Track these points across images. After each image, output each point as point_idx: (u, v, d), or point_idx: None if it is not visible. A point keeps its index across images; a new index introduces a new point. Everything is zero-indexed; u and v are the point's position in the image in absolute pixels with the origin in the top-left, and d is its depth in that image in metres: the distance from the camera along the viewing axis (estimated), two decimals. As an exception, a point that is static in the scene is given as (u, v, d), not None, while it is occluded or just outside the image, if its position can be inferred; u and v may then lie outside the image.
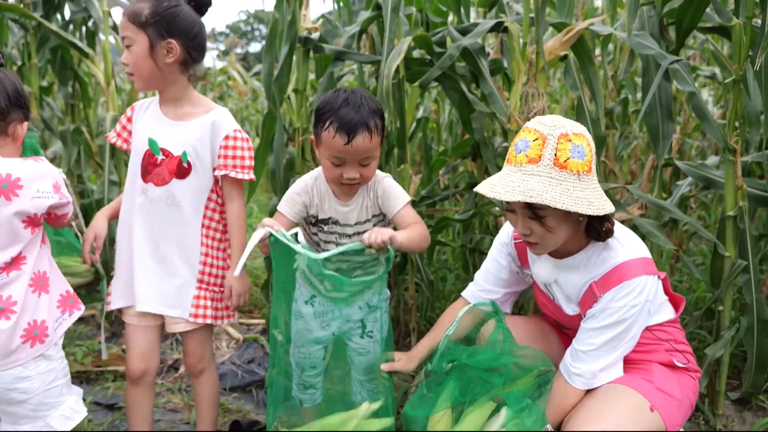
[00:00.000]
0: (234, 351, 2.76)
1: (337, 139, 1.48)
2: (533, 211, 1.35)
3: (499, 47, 2.49)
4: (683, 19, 1.96)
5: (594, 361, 1.43)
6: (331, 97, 1.54)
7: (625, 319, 1.39)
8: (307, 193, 1.66)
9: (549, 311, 1.64)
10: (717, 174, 2.03)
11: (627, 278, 1.38)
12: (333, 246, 1.67)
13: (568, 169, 1.31)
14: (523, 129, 1.38)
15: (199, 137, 1.60)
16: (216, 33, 33.80)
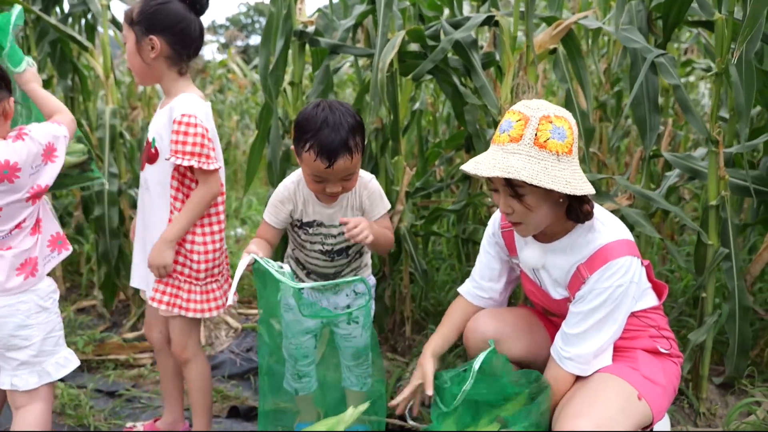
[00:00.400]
0: (233, 340, 2.82)
1: (318, 163, 1.52)
2: (513, 188, 1.39)
3: (492, 40, 2.53)
4: (669, 13, 2.00)
5: (584, 344, 1.46)
6: (311, 114, 1.55)
7: (611, 299, 1.43)
8: (290, 200, 1.71)
9: (536, 298, 1.68)
10: (702, 165, 2.08)
11: (611, 258, 1.42)
12: (318, 246, 1.74)
13: (548, 149, 1.36)
14: (509, 111, 1.44)
15: (163, 123, 1.68)
16: (216, 25, 33.66)
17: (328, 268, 1.80)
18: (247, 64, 10.10)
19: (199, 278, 1.71)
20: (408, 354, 2.50)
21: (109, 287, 2.92)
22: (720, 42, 1.77)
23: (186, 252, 1.70)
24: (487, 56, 2.41)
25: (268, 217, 1.73)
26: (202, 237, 1.71)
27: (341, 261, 1.79)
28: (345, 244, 1.76)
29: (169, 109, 1.68)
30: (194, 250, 1.70)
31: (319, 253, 1.76)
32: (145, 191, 1.74)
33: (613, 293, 1.43)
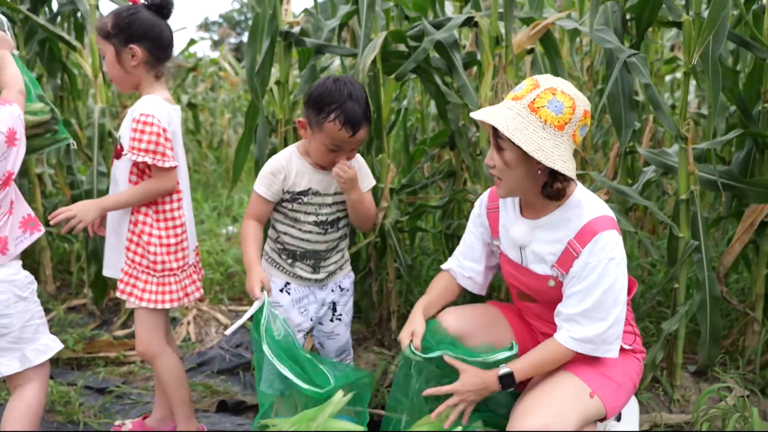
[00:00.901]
0: (222, 336, 2.87)
1: (342, 132, 1.62)
2: (497, 140, 1.46)
3: (474, 40, 2.59)
4: (642, 14, 2.07)
5: (588, 324, 1.46)
6: (333, 88, 1.63)
7: (606, 275, 1.44)
8: (282, 170, 1.73)
9: (516, 281, 1.66)
10: (674, 160, 2.14)
11: (599, 231, 1.45)
12: (313, 217, 1.76)
13: (537, 114, 1.39)
14: (530, 78, 1.49)
15: (127, 122, 1.77)
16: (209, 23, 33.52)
17: (320, 244, 1.81)
18: (239, 61, 10.12)
19: (156, 269, 1.77)
20: (394, 347, 2.56)
21: (99, 286, 2.96)
22: (687, 42, 1.83)
23: (143, 244, 1.76)
24: (469, 56, 2.47)
25: (261, 189, 1.74)
26: (158, 230, 1.78)
27: (333, 235, 1.82)
28: (337, 215, 1.80)
29: (132, 110, 1.77)
30: (151, 242, 1.76)
31: (313, 225, 1.78)
32: (114, 185, 1.84)
33: (607, 267, 1.44)
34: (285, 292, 1.82)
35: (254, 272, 1.71)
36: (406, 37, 2.29)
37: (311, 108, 1.66)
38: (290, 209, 1.77)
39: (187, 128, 7.16)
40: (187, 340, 2.86)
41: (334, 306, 1.91)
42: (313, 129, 1.67)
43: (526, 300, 1.70)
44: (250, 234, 1.77)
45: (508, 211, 1.67)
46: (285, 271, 1.83)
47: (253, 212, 1.79)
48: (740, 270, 2.64)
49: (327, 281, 1.86)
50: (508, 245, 1.67)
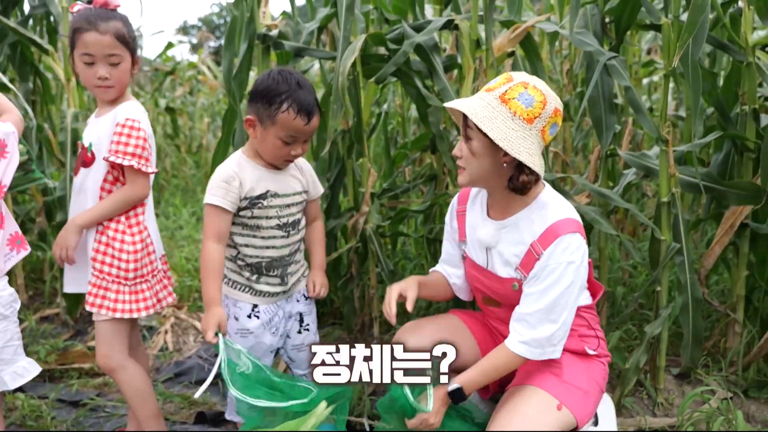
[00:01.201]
0: (200, 345, 2.81)
1: (297, 120, 1.57)
2: (465, 130, 1.46)
3: (455, 44, 2.57)
4: (621, 17, 2.07)
5: (539, 327, 1.45)
6: (279, 79, 1.58)
7: (564, 278, 1.43)
8: (235, 177, 1.63)
9: (481, 284, 1.64)
10: (655, 163, 2.15)
11: (561, 233, 1.44)
12: (275, 221, 1.69)
13: (508, 106, 1.40)
14: (505, 73, 1.51)
15: (105, 129, 1.71)
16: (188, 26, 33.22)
17: (284, 248, 1.73)
18: (218, 65, 10.02)
19: (128, 278, 1.72)
20: (376, 354, 2.52)
21: (72, 295, 2.88)
22: (667, 45, 1.83)
23: (116, 252, 1.70)
24: (450, 59, 2.46)
25: (217, 199, 1.61)
26: (131, 237, 1.72)
27: (295, 237, 1.74)
28: (297, 216, 1.75)
29: (114, 114, 1.71)
30: (124, 249, 1.71)
31: (276, 229, 1.69)
32: (79, 195, 1.76)
33: (566, 270, 1.43)
34: (254, 316, 1.73)
35: (212, 312, 1.57)
36: (385, 40, 2.27)
37: (260, 102, 1.59)
38: (250, 217, 1.67)
39: (166, 132, 7.07)
40: (164, 349, 2.79)
41: (301, 317, 1.85)
42: (265, 124, 1.60)
43: (491, 304, 1.68)
44: (211, 262, 1.61)
45: (475, 212, 1.67)
46: (251, 291, 1.73)
47: (213, 230, 1.63)
48: (720, 272, 2.66)
49: (292, 291, 1.80)
50: (474, 247, 1.66)
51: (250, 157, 1.70)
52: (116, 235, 1.71)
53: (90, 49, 1.66)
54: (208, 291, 1.61)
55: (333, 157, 2.69)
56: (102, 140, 1.71)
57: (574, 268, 1.45)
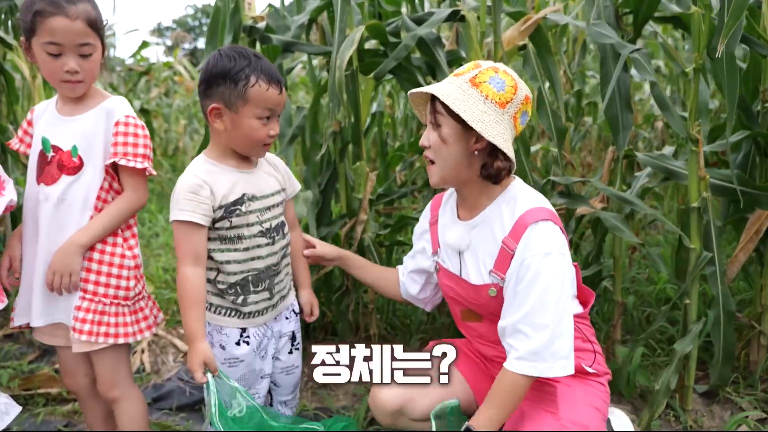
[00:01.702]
0: (181, 366, 2.58)
1: (271, 91, 1.41)
2: (434, 116, 1.37)
3: (455, 38, 2.39)
4: (640, 7, 1.91)
5: (534, 335, 1.28)
6: (234, 55, 1.41)
7: (543, 272, 1.28)
8: (204, 185, 1.40)
9: (457, 295, 1.50)
10: (676, 164, 2.00)
11: (531, 222, 1.32)
12: (258, 227, 1.47)
13: (479, 89, 1.33)
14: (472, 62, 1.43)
15: (92, 129, 1.47)
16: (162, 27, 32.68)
17: (271, 257, 1.51)
18: (194, 66, 9.72)
19: (129, 297, 1.50)
20: (375, 374, 2.32)
21: (39, 312, 2.62)
22: (697, 37, 1.68)
23: (114, 270, 1.48)
24: (451, 54, 2.27)
25: (187, 214, 1.38)
26: (130, 251, 1.51)
27: (281, 242, 1.53)
28: (280, 219, 1.55)
29: (105, 112, 1.47)
30: (124, 266, 1.49)
31: (260, 236, 1.48)
32: (59, 207, 1.48)
33: (543, 263, 1.29)
34: (243, 342, 1.52)
35: (197, 349, 1.37)
36: (385, 32, 2.08)
37: (223, 85, 1.39)
38: (228, 227, 1.44)
39: (141, 135, 6.78)
40: (141, 371, 2.55)
41: (293, 335, 1.65)
42: (235, 106, 1.40)
43: (470, 319, 1.53)
44: (190, 290, 1.39)
45: (446, 217, 1.56)
46: (238, 314, 1.51)
47: (187, 251, 1.40)
48: (737, 279, 2.52)
49: (279, 306, 1.59)
50: (447, 254, 1.52)
51: (215, 159, 1.47)
52: (115, 250, 1.48)
53: (57, 38, 1.40)
54: (189, 324, 1.39)
55: (324, 161, 2.49)
56: (92, 143, 1.46)
57: (553, 259, 1.30)
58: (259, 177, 1.51)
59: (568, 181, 1.98)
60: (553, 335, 1.28)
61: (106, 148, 1.46)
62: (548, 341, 1.28)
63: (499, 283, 1.38)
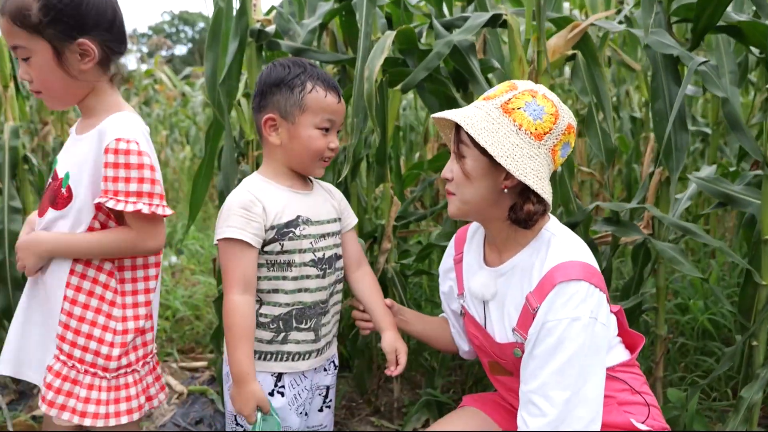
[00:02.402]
0: (177, 408, 2.30)
1: (329, 98, 1.31)
2: (458, 146, 1.20)
3: (482, 45, 2.19)
4: (701, 15, 1.72)
5: (548, 410, 1.09)
6: (288, 64, 1.33)
7: (567, 340, 1.09)
8: (257, 202, 1.26)
9: (483, 347, 1.33)
10: (736, 189, 1.81)
11: (561, 280, 1.12)
12: (310, 255, 1.30)
13: (511, 117, 1.14)
14: (507, 81, 1.25)
15: (84, 155, 1.21)
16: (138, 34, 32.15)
17: (320, 292, 1.33)
18: (175, 73, 9.39)
19: (108, 369, 1.23)
20: (398, 418, 2.08)
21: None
22: (779, 48, 1.50)
23: (96, 330, 1.22)
24: (481, 63, 2.06)
25: (237, 232, 1.22)
26: (122, 310, 1.23)
27: (331, 277, 1.36)
28: (335, 251, 1.37)
29: (97, 133, 1.20)
30: (109, 327, 1.22)
31: (312, 267, 1.31)
32: None
33: (568, 329, 1.09)
34: (277, 393, 1.30)
35: (248, 390, 1.21)
36: (416, 39, 1.86)
37: (278, 93, 1.30)
38: (279, 251, 1.28)
39: (120, 146, 6.45)
40: (129, 416, 2.27)
41: (327, 391, 1.43)
42: (292, 116, 1.30)
43: (499, 372, 1.33)
44: (240, 322, 1.22)
45: (471, 257, 1.36)
46: (275, 357, 1.31)
47: (235, 274, 1.23)
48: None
49: (325, 353, 1.37)
50: (471, 301, 1.34)
51: (270, 177, 1.35)
52: (103, 305, 1.22)
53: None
54: (239, 361, 1.21)
55: (333, 180, 2.26)
56: (83, 171, 1.20)
57: (581, 326, 1.10)
58: (315, 201, 1.37)
59: (621, 207, 1.78)
60: (571, 413, 1.09)
61: (95, 181, 1.19)
62: (566, 420, 1.09)
63: (523, 342, 1.18)
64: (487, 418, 1.38)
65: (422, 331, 1.51)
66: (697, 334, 2.50)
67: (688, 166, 3.71)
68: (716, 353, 2.37)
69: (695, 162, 3.87)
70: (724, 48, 2.31)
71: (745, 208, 1.75)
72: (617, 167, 3.85)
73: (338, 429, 2.07)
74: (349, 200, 2.31)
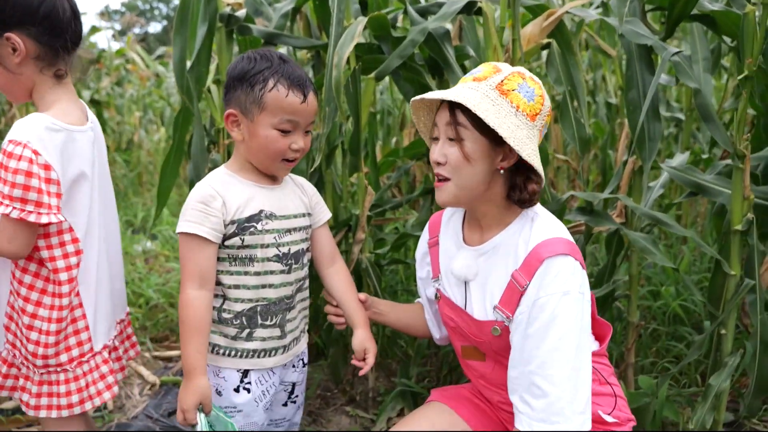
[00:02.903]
0: (149, 399, 2.27)
1: (291, 98, 1.23)
2: (456, 129, 1.16)
3: (458, 33, 2.16)
4: (675, 4, 1.72)
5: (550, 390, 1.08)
6: (257, 57, 1.26)
7: (561, 315, 1.10)
8: (217, 196, 1.23)
9: (458, 329, 1.31)
10: (707, 179, 1.83)
11: (548, 256, 1.12)
12: (274, 250, 1.27)
13: (508, 98, 1.14)
14: (487, 63, 1.24)
15: None
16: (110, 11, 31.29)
17: (285, 287, 1.31)
18: (148, 53, 9.15)
19: (36, 365, 1.24)
20: (373, 408, 2.09)
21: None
22: (751, 39, 1.49)
23: (21, 326, 1.23)
24: (456, 50, 2.03)
25: (195, 226, 1.21)
26: (48, 311, 1.21)
27: (298, 273, 1.33)
28: (301, 245, 1.34)
29: None
30: (35, 326, 1.22)
31: (275, 262, 1.28)
32: None
33: (562, 304, 1.10)
34: (243, 389, 1.29)
35: (195, 386, 1.20)
36: (389, 25, 1.82)
37: (240, 89, 1.24)
38: (240, 246, 1.25)
39: (91, 128, 6.29)
40: (102, 408, 2.23)
41: (293, 387, 1.42)
42: (251, 114, 1.24)
43: (472, 357, 1.33)
44: (193, 315, 1.21)
45: (448, 239, 1.35)
46: (239, 353, 1.29)
47: (192, 269, 1.22)
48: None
49: (292, 349, 1.36)
50: (449, 283, 1.33)
51: (234, 171, 1.31)
52: (26, 306, 1.22)
53: None
54: (189, 355, 1.20)
55: (306, 168, 2.23)
56: None
57: (572, 300, 1.11)
58: (281, 195, 1.33)
59: (594, 197, 1.78)
60: (573, 389, 1.09)
61: None
62: (569, 396, 1.09)
63: (504, 321, 1.18)
64: (454, 414, 1.37)
65: (397, 320, 1.51)
66: (669, 319, 2.54)
67: (662, 151, 3.74)
68: (687, 338, 2.41)
69: (669, 146, 3.91)
70: (698, 34, 2.31)
71: (715, 198, 1.76)
72: (593, 152, 3.88)
73: (313, 420, 2.07)
74: (324, 188, 2.29)
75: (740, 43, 1.53)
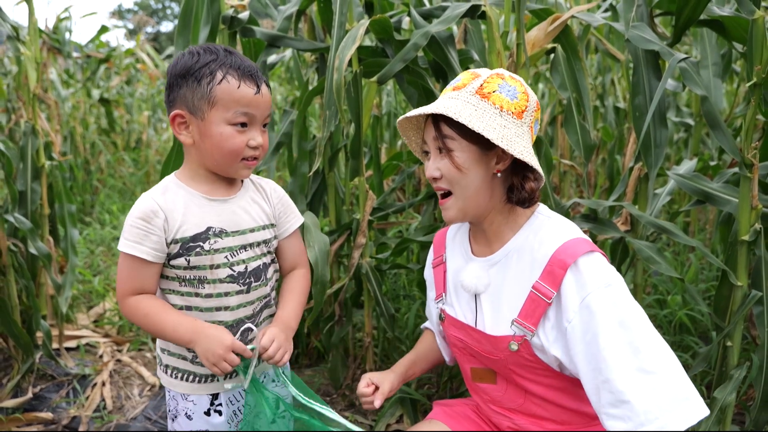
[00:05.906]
0: (149, 400, 2.27)
1: (244, 89, 1.12)
2: (443, 141, 1.14)
3: (463, 36, 2.13)
4: (683, 9, 1.69)
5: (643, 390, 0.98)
6: (200, 51, 1.14)
7: (615, 304, 1.03)
8: (159, 212, 1.12)
9: (468, 349, 1.24)
10: (714, 187, 1.79)
11: (571, 261, 1.07)
12: (227, 270, 1.16)
13: (490, 101, 1.12)
14: (466, 71, 1.22)
15: None
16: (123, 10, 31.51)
17: (244, 308, 1.19)
18: (158, 52, 9.19)
19: None
20: (371, 412, 2.07)
21: None
22: (760, 45, 1.46)
23: None
24: (460, 54, 2.01)
25: (131, 246, 1.11)
26: None
27: (261, 290, 1.22)
28: (262, 260, 1.22)
29: None
30: None
31: (230, 283, 1.17)
32: None
33: (609, 296, 1.03)
34: (214, 411, 1.23)
35: (207, 334, 1.10)
36: (391, 28, 1.80)
37: (185, 86, 1.12)
38: (186, 267, 1.15)
39: (100, 127, 6.34)
40: (101, 408, 2.23)
41: (277, 401, 1.35)
42: (201, 111, 1.12)
43: (482, 379, 1.27)
44: (148, 308, 1.13)
45: (456, 255, 1.30)
46: (204, 379, 1.21)
47: (133, 285, 1.13)
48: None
49: (259, 368, 1.25)
50: (458, 299, 1.27)
51: (184, 180, 1.18)
52: None
53: None
54: (179, 326, 1.12)
55: (307, 171, 2.22)
56: None
57: (616, 289, 1.05)
58: (236, 207, 1.20)
59: (599, 205, 1.75)
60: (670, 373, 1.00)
61: None
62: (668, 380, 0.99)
63: (525, 335, 1.11)
64: None
65: (424, 367, 1.44)
66: (675, 328, 2.50)
67: (672, 156, 3.70)
68: (693, 348, 2.37)
69: (679, 151, 3.87)
70: (708, 39, 2.28)
71: (722, 207, 1.73)
72: (601, 156, 3.84)
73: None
74: (327, 191, 2.27)
75: (749, 50, 1.50)
